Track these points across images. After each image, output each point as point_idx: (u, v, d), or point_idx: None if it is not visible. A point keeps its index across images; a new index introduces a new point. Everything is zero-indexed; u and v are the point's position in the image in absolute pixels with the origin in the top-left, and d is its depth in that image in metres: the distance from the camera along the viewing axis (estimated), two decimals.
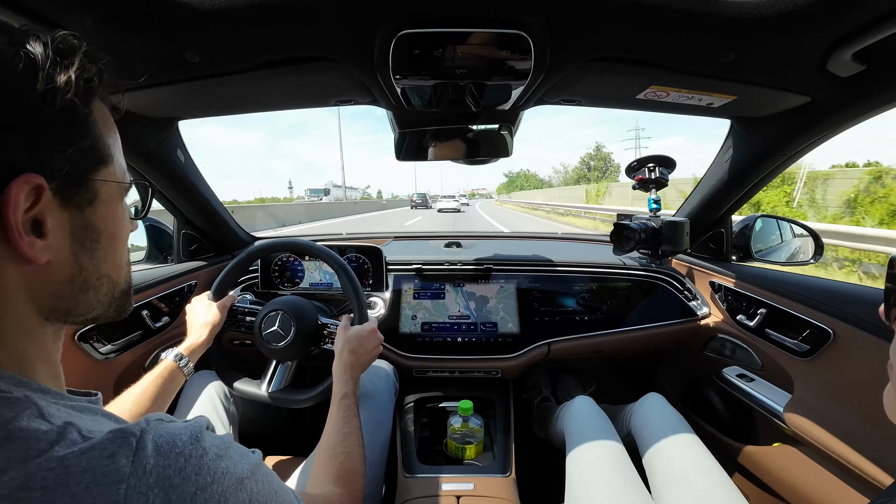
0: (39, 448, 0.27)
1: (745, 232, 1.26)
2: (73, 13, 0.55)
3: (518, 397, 1.38)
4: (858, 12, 0.55)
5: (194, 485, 0.30)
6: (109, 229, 0.37)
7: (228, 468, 0.32)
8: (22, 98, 0.30)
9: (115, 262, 0.39)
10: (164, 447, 0.30)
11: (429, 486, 0.98)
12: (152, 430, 0.31)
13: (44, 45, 0.31)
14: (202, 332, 0.84)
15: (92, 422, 0.32)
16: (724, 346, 1.22)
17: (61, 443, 0.28)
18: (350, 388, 0.75)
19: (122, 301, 0.41)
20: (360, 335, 0.82)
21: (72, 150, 0.33)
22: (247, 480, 0.33)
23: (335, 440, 0.66)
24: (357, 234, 1.91)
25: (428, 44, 0.66)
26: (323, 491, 0.59)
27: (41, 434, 0.28)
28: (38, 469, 0.26)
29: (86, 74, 0.33)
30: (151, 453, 0.29)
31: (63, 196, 0.33)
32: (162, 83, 0.77)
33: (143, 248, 1.27)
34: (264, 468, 0.37)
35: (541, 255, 1.37)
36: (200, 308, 0.88)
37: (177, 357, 0.77)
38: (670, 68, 0.74)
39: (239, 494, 0.32)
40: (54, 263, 0.33)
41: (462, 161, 1.14)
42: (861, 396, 0.82)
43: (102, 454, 0.28)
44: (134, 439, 0.30)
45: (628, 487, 0.77)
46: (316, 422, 1.45)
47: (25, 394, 0.30)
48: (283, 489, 0.39)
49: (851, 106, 0.77)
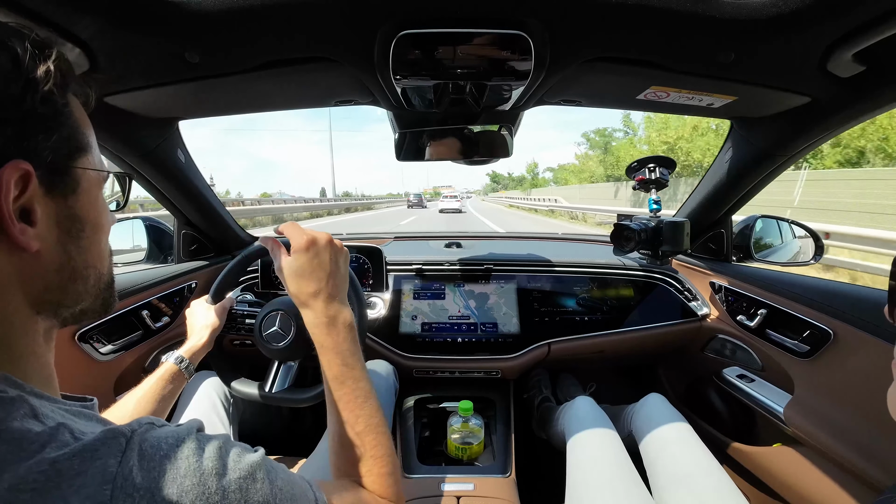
0: (31, 449, 0.27)
1: (745, 232, 1.26)
2: (75, 14, 0.55)
3: (518, 397, 1.38)
4: (859, 13, 0.55)
5: (180, 487, 0.30)
6: (92, 218, 0.38)
7: (219, 469, 0.32)
8: (7, 89, 0.31)
9: (100, 253, 0.40)
10: (151, 450, 0.30)
11: (429, 486, 0.98)
12: (141, 432, 0.31)
13: (22, 39, 0.32)
14: (203, 335, 0.84)
15: (85, 424, 0.32)
16: (724, 347, 1.22)
17: (52, 444, 0.28)
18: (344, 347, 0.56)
19: (107, 294, 0.41)
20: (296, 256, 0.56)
21: (54, 137, 0.34)
22: (242, 480, 0.33)
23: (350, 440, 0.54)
24: (357, 234, 1.92)
25: (428, 44, 0.66)
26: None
27: (33, 435, 0.28)
28: (29, 471, 0.26)
29: (63, 66, 0.34)
30: (138, 455, 0.29)
31: (48, 184, 0.34)
32: (162, 83, 0.77)
33: (144, 248, 1.27)
34: (266, 466, 0.36)
35: (541, 256, 1.37)
36: (200, 311, 0.88)
37: (178, 360, 0.77)
38: (670, 69, 0.74)
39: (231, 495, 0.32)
40: (43, 252, 0.34)
41: (462, 161, 1.14)
42: (861, 397, 0.82)
43: (93, 455, 0.28)
44: (123, 440, 0.30)
45: (629, 488, 0.77)
46: (317, 422, 1.45)
47: (20, 394, 0.30)
48: (292, 485, 0.38)
49: (852, 106, 0.77)
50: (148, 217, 1.32)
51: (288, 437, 1.46)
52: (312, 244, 0.56)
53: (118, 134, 0.92)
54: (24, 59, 0.31)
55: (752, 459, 1.07)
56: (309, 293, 0.56)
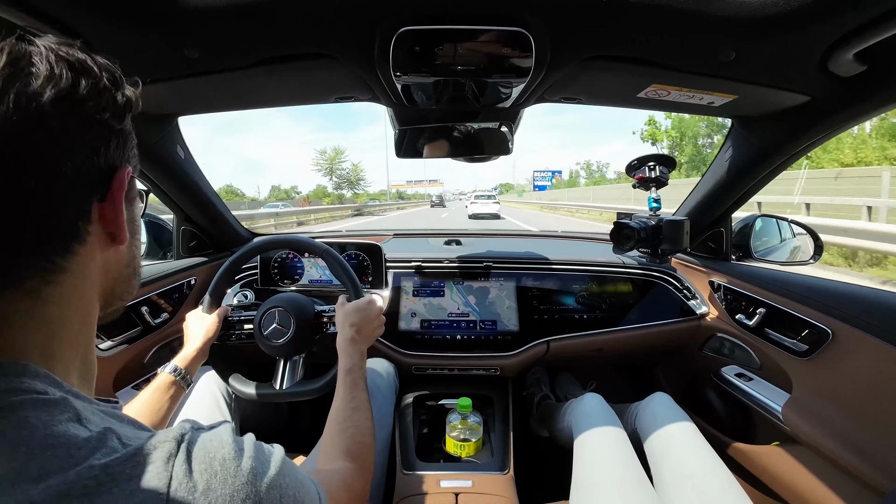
0: (80, 455, 0.27)
1: (744, 231, 1.26)
2: (75, 11, 0.55)
3: (517, 395, 1.38)
4: (859, 13, 0.55)
5: (231, 487, 0.31)
6: (138, 222, 0.43)
7: (258, 469, 0.34)
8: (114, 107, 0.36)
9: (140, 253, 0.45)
10: (199, 453, 0.31)
11: (427, 483, 0.98)
12: (190, 436, 0.32)
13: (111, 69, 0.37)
14: (198, 344, 0.84)
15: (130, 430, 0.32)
16: (722, 346, 1.22)
17: (102, 450, 0.28)
18: (355, 360, 0.74)
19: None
20: (358, 307, 0.82)
21: (132, 151, 0.40)
22: (276, 477, 0.35)
23: (343, 415, 0.67)
24: (357, 231, 1.92)
25: (428, 41, 0.66)
26: (334, 466, 0.59)
27: (81, 441, 0.28)
28: (79, 477, 0.26)
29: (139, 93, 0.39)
30: (192, 459, 0.31)
31: (128, 189, 0.39)
32: (162, 79, 0.77)
33: (143, 244, 1.27)
34: (287, 461, 0.38)
35: (540, 254, 1.37)
36: (195, 319, 0.88)
37: (173, 370, 0.76)
38: (671, 67, 0.73)
39: (272, 492, 0.33)
40: (122, 248, 0.39)
41: (462, 159, 1.14)
42: (859, 396, 0.82)
43: (146, 460, 0.29)
44: (175, 445, 0.31)
45: (637, 486, 0.77)
46: (316, 418, 1.45)
47: (63, 395, 0.30)
48: (306, 477, 0.41)
49: (852, 106, 0.77)
50: (147, 213, 1.31)
51: (288, 433, 1.46)
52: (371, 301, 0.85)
53: None
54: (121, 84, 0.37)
55: (750, 458, 1.08)
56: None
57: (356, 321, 0.80)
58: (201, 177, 1.21)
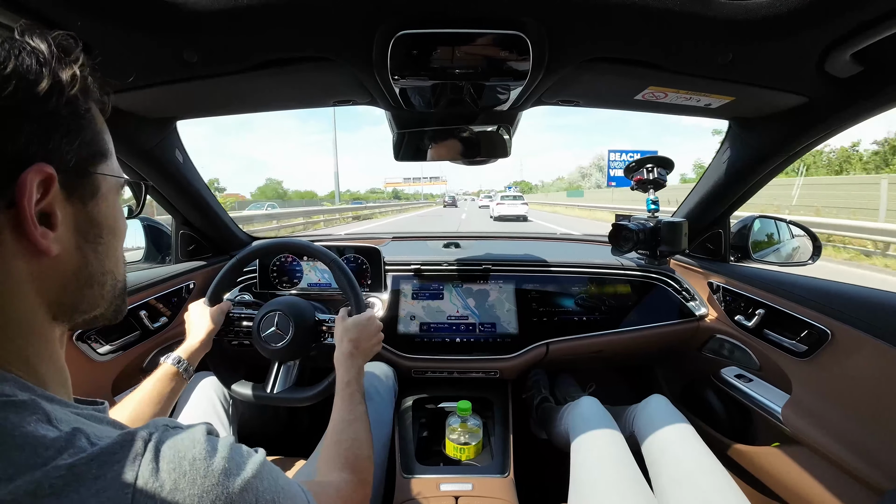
0: (48, 455, 0.27)
1: (743, 232, 1.26)
2: (72, 13, 0.55)
3: (517, 398, 1.37)
4: (856, 14, 0.55)
5: (200, 488, 0.30)
6: (109, 224, 0.38)
7: (231, 469, 0.32)
8: (31, 88, 0.31)
9: (116, 258, 0.40)
10: (169, 452, 0.30)
11: (427, 486, 0.98)
12: (159, 434, 0.31)
13: (47, 43, 0.32)
14: (200, 336, 0.84)
15: (100, 429, 0.32)
16: (722, 347, 1.22)
17: (70, 450, 0.28)
18: (353, 375, 0.74)
19: (120, 300, 0.41)
20: (358, 323, 0.82)
21: (77, 142, 0.34)
22: (252, 480, 0.33)
23: (341, 427, 0.67)
24: (355, 235, 1.92)
25: (426, 44, 0.66)
26: (331, 478, 0.59)
27: (49, 441, 0.28)
28: (47, 476, 0.26)
29: (85, 72, 0.35)
30: (158, 458, 0.30)
31: (68, 189, 0.34)
32: (160, 83, 0.77)
33: (142, 248, 1.26)
34: (269, 466, 0.37)
35: (539, 256, 1.37)
36: (197, 311, 0.88)
37: (175, 360, 0.77)
38: (668, 69, 0.74)
39: (245, 495, 0.32)
40: (62, 257, 0.34)
41: (460, 161, 1.14)
42: (859, 397, 0.82)
43: (112, 459, 0.28)
44: (141, 443, 0.30)
45: (634, 488, 0.77)
46: (315, 422, 1.45)
47: (32, 397, 0.30)
48: (290, 484, 0.39)
49: (849, 107, 0.77)
50: (146, 217, 1.31)
51: (286, 438, 1.46)
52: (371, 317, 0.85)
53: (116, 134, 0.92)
54: (51, 61, 0.32)
55: (750, 459, 1.08)
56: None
57: (355, 336, 0.80)
58: (200, 180, 1.20)
